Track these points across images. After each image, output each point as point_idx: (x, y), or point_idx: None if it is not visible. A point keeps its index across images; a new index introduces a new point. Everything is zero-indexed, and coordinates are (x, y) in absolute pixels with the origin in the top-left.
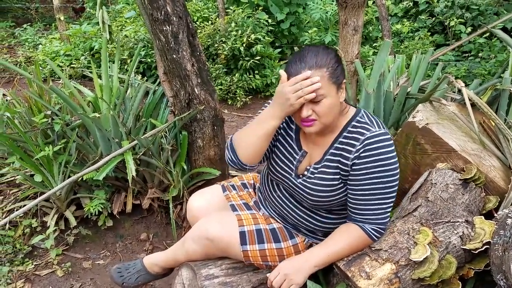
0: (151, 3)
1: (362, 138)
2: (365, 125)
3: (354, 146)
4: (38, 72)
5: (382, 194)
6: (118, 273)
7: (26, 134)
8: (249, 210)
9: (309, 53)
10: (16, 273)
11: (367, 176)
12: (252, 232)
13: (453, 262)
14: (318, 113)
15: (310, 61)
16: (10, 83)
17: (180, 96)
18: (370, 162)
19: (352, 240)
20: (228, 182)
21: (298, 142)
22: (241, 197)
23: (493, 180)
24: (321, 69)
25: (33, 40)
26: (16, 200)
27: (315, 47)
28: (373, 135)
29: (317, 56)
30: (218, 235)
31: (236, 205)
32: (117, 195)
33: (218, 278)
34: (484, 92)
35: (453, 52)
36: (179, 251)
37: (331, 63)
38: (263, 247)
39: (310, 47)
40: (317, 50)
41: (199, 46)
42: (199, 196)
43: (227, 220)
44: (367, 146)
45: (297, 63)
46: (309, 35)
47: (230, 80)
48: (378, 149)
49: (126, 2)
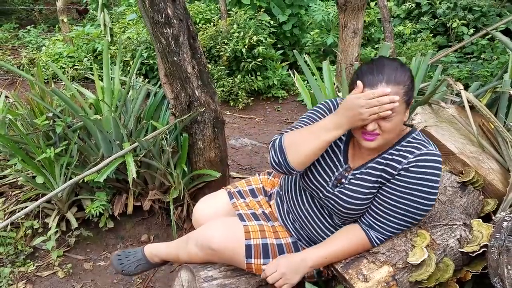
0: (152, 6)
1: (418, 153)
2: (422, 142)
3: (406, 158)
4: (40, 74)
5: (408, 212)
6: (118, 261)
7: (28, 136)
8: (257, 221)
9: (387, 66)
10: (17, 274)
11: (406, 190)
12: (258, 247)
13: (450, 265)
14: (384, 128)
15: (389, 75)
16: (13, 85)
17: (180, 98)
18: (416, 178)
19: (352, 243)
20: (235, 188)
21: (345, 154)
22: (248, 206)
23: (491, 183)
24: (398, 86)
25: (37, 41)
26: (18, 201)
27: (392, 61)
28: (430, 153)
29: (396, 72)
30: (222, 246)
31: (244, 215)
32: (118, 196)
33: (217, 280)
34: (483, 94)
35: (455, 53)
36: (182, 250)
37: (408, 81)
38: (267, 261)
39: (386, 59)
40: (395, 66)
41: (200, 48)
42: (204, 203)
43: (233, 230)
44: (420, 162)
45: (374, 74)
46: (311, 36)
47: (232, 81)
48: (429, 168)
49: (129, 4)
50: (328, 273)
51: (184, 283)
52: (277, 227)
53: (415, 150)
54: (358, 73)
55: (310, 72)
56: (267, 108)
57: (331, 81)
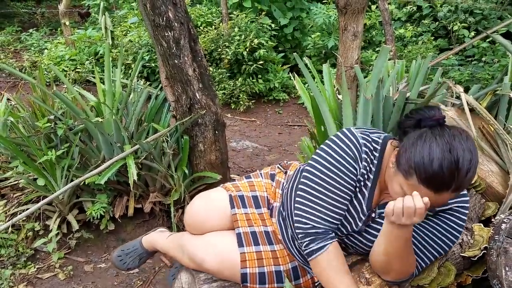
0: (153, 9)
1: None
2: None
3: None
4: (41, 77)
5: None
6: (121, 261)
7: (29, 139)
8: (256, 246)
9: (464, 164)
10: (18, 276)
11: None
12: (254, 275)
13: (452, 269)
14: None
15: (461, 179)
16: (15, 87)
17: (181, 101)
18: (452, 221)
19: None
20: (237, 191)
21: (370, 201)
22: (250, 221)
23: (491, 185)
24: (461, 191)
25: (39, 44)
26: (19, 203)
27: (471, 155)
28: (464, 195)
29: (469, 171)
30: (216, 270)
31: (243, 236)
32: (119, 199)
33: (217, 282)
34: (483, 97)
35: (456, 56)
36: (179, 256)
37: (469, 183)
38: (264, 286)
39: (466, 154)
40: (471, 161)
41: (201, 51)
42: (203, 201)
43: (228, 258)
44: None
45: (444, 176)
46: (312, 39)
47: (233, 84)
48: (463, 209)
49: (131, 7)
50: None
51: (184, 285)
52: (277, 251)
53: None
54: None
55: (310, 75)
56: (268, 110)
57: (331, 83)
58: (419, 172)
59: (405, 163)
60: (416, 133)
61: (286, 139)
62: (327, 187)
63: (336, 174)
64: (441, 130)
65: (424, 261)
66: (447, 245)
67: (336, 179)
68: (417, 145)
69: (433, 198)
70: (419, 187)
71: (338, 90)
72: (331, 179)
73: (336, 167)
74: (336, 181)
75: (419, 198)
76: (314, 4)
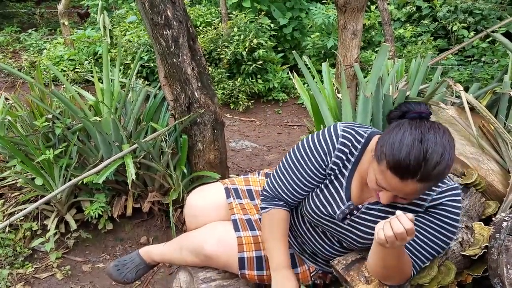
0: (152, 8)
1: (439, 190)
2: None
3: (429, 195)
4: (40, 76)
5: (434, 251)
6: (117, 270)
7: (27, 138)
8: (252, 231)
9: (432, 156)
10: (16, 276)
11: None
12: (251, 259)
13: (452, 268)
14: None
15: (427, 170)
16: (14, 87)
17: (180, 100)
18: (442, 215)
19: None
20: (232, 184)
21: (348, 191)
22: (244, 210)
23: (492, 184)
24: (428, 183)
25: (38, 45)
26: (17, 203)
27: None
28: (452, 188)
29: (440, 166)
30: (215, 254)
31: (238, 221)
32: (117, 198)
33: (215, 281)
34: (483, 96)
35: (456, 56)
36: (176, 255)
37: (442, 176)
38: (261, 273)
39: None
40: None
41: (200, 50)
42: (200, 194)
43: (226, 240)
44: (451, 197)
45: (409, 163)
46: (312, 39)
47: (233, 84)
48: (454, 201)
49: (130, 7)
50: (324, 282)
51: (183, 284)
52: None
53: (437, 188)
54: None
55: (309, 74)
56: (268, 110)
57: (331, 82)
58: (387, 157)
59: (379, 149)
60: (396, 123)
61: (286, 139)
62: (292, 167)
63: (303, 161)
64: (419, 122)
65: (421, 261)
66: (443, 242)
67: (301, 165)
68: (392, 132)
69: (399, 186)
70: (386, 172)
71: (338, 89)
72: (298, 163)
73: (306, 155)
74: (301, 166)
75: (404, 217)
76: (313, 4)
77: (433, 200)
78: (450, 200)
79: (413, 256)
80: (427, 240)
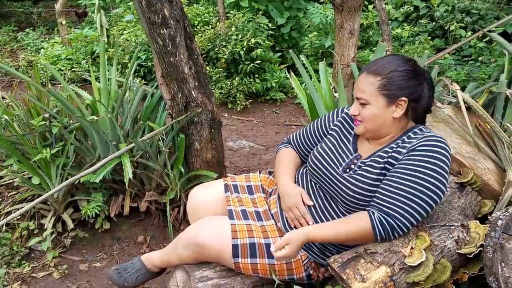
0: (149, 7)
1: (422, 136)
2: (429, 132)
3: (411, 143)
4: (37, 76)
5: (416, 191)
6: (118, 274)
7: (24, 137)
8: (246, 220)
9: (385, 58)
10: (12, 275)
11: (413, 167)
12: (245, 246)
13: (448, 266)
14: (362, 116)
15: (374, 65)
16: (11, 87)
17: (177, 99)
18: (423, 156)
19: (353, 222)
20: (232, 181)
21: (355, 145)
22: (241, 202)
23: (488, 183)
24: (375, 76)
25: (35, 44)
26: (14, 202)
27: (399, 56)
28: (436, 136)
29: (383, 63)
30: (208, 243)
31: (234, 211)
32: (114, 197)
33: (212, 280)
34: (480, 95)
35: (453, 56)
36: (172, 254)
37: (391, 74)
38: (255, 261)
39: (394, 54)
40: (392, 59)
41: (197, 49)
42: (202, 189)
43: (219, 229)
44: (428, 141)
45: (370, 63)
46: (309, 39)
47: (230, 84)
48: (436, 147)
49: (127, 6)
50: (318, 275)
51: (179, 283)
52: (267, 226)
53: (419, 135)
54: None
55: (306, 73)
56: (265, 110)
57: (328, 81)
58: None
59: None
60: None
61: (283, 138)
62: (306, 127)
63: (313, 123)
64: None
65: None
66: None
67: (311, 125)
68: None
69: (358, 82)
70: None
71: (335, 88)
72: (309, 125)
73: (316, 121)
74: (310, 126)
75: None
76: (311, 3)
77: (414, 145)
78: (423, 145)
79: (407, 206)
80: (404, 180)
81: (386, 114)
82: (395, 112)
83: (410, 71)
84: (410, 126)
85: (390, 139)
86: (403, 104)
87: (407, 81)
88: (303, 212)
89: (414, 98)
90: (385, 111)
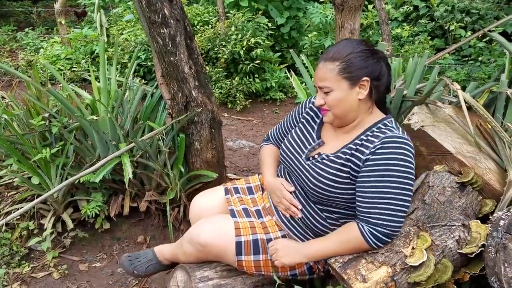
0: (149, 6)
1: (382, 136)
2: (390, 128)
3: (373, 143)
4: (36, 75)
5: (390, 194)
6: (129, 261)
7: (24, 137)
8: (248, 217)
9: (339, 44)
10: (12, 275)
11: (379, 173)
12: (248, 243)
13: (449, 266)
14: (327, 104)
15: (328, 53)
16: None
17: (177, 99)
18: (384, 159)
19: (346, 239)
20: (233, 185)
21: (318, 132)
22: (241, 202)
23: (489, 183)
24: (333, 62)
25: (35, 44)
26: (13, 202)
27: (351, 39)
28: (394, 136)
29: (339, 48)
30: (210, 241)
31: (235, 211)
32: (114, 197)
33: (213, 280)
34: (480, 95)
35: (453, 56)
36: (179, 250)
37: (349, 57)
38: (258, 258)
39: (349, 39)
40: (345, 43)
41: (197, 49)
42: (204, 196)
43: (222, 227)
44: (385, 144)
45: (325, 52)
46: (309, 39)
47: (230, 83)
48: (395, 148)
49: (127, 6)
50: (318, 268)
51: (180, 283)
52: (267, 222)
53: (380, 135)
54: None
55: (307, 73)
56: (265, 110)
57: None
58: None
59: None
60: None
61: None
62: (281, 122)
63: (286, 117)
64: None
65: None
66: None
67: (285, 119)
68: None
69: (317, 70)
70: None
71: None
72: (283, 119)
73: (288, 114)
74: (284, 120)
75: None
76: (310, 3)
77: (373, 147)
78: (381, 147)
79: (369, 208)
80: (375, 188)
81: (351, 96)
82: (359, 94)
83: (367, 50)
84: (371, 109)
85: (357, 126)
86: (366, 84)
87: (365, 61)
88: (289, 198)
89: (375, 76)
90: (349, 93)
